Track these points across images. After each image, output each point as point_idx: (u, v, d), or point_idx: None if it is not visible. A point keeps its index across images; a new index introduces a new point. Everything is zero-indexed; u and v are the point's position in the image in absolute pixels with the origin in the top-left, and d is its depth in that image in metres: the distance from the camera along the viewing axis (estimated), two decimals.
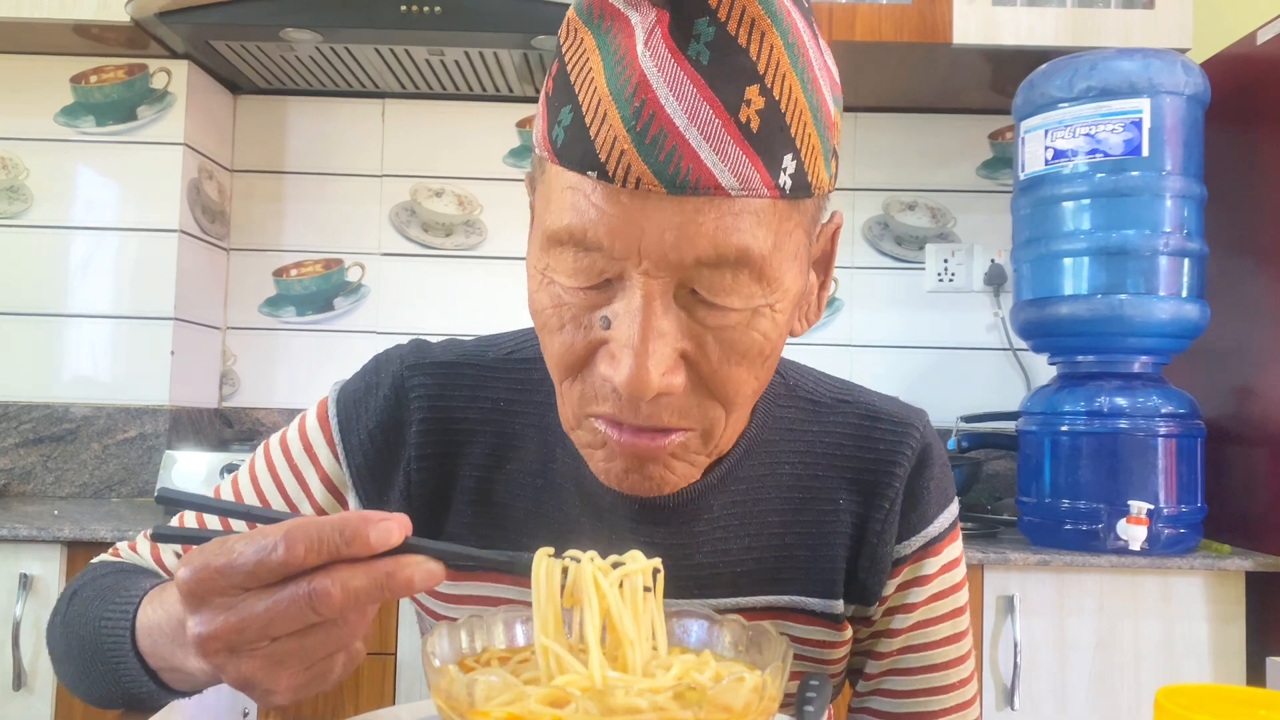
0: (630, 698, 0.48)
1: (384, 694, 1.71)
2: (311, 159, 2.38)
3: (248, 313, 2.36)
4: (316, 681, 0.54)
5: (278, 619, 0.50)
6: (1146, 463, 1.74)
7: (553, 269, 0.60)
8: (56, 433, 2.14)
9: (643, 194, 0.55)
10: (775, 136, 0.56)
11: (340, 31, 1.97)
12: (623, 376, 0.57)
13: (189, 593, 0.51)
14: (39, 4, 1.98)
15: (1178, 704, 0.50)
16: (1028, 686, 1.70)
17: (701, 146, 0.54)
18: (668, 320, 0.57)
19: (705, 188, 0.54)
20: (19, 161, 2.17)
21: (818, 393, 0.80)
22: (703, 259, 0.56)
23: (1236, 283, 1.89)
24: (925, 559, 0.77)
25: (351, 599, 0.50)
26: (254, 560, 0.50)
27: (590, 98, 0.56)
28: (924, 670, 0.79)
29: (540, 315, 0.62)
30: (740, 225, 0.56)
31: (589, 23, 0.58)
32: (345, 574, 0.51)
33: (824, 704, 0.63)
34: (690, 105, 0.54)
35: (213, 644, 0.51)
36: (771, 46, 0.55)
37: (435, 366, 0.78)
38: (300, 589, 0.50)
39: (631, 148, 0.54)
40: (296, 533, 0.50)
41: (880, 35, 1.98)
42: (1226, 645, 1.71)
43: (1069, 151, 1.80)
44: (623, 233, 0.55)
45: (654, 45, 0.55)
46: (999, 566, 1.71)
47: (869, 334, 2.37)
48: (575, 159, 0.56)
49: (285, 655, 0.52)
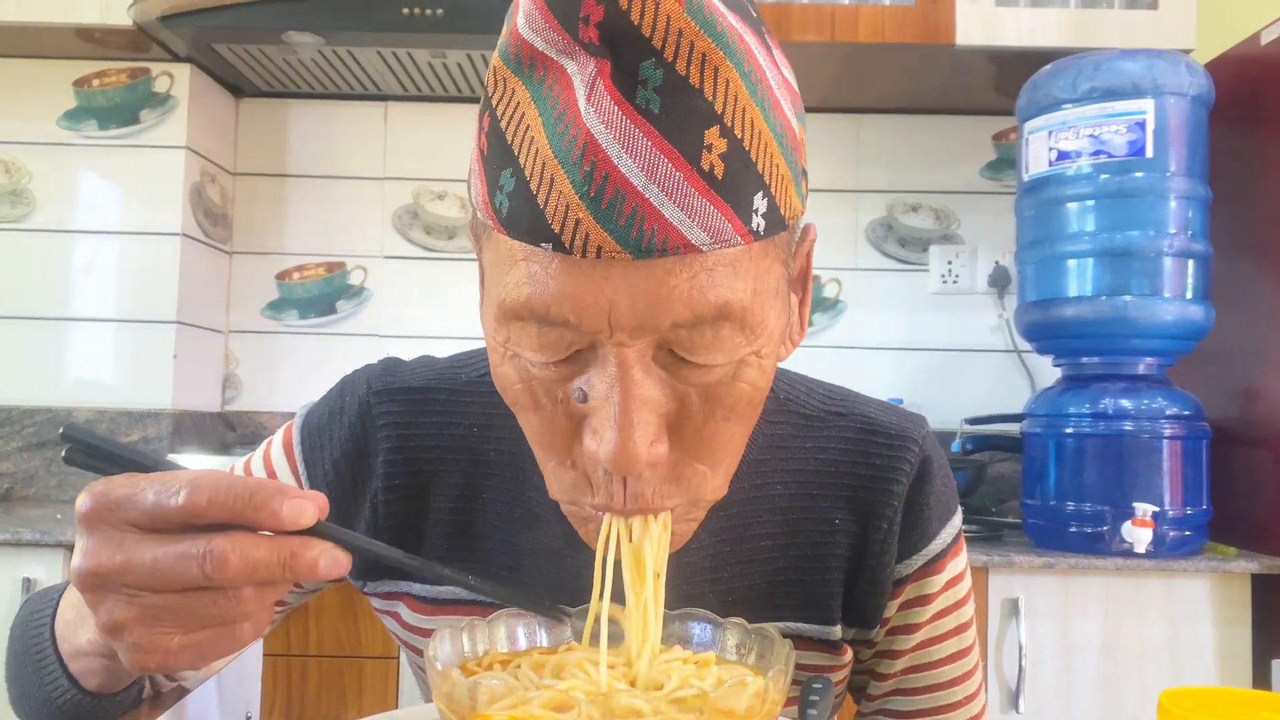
0: (632, 701, 0.48)
1: (387, 698, 1.71)
2: (314, 162, 2.38)
3: (250, 316, 2.36)
4: (189, 652, 0.50)
5: (165, 570, 0.48)
6: (1151, 465, 1.74)
7: (515, 342, 0.54)
8: (59, 436, 2.14)
9: (605, 262, 0.49)
10: (742, 179, 0.50)
11: (342, 34, 1.97)
12: (608, 452, 0.51)
13: (84, 518, 0.49)
14: (42, 8, 1.98)
15: (1181, 707, 0.50)
16: (1033, 689, 1.70)
17: (664, 204, 0.49)
18: (648, 386, 0.52)
19: (674, 248, 0.49)
20: (22, 165, 2.18)
21: (810, 405, 0.75)
22: (679, 322, 0.51)
23: (1241, 284, 1.89)
24: (928, 577, 0.74)
25: (248, 570, 0.48)
26: (153, 500, 0.48)
27: (533, 162, 0.50)
28: (930, 689, 0.76)
29: (509, 392, 0.57)
30: (716, 280, 0.51)
31: (519, 72, 0.52)
32: (247, 542, 0.48)
33: (826, 708, 0.62)
34: (646, 161, 0.48)
35: (91, 579, 0.49)
36: (727, 81, 0.50)
37: (403, 393, 0.74)
38: (195, 545, 0.48)
39: (587, 215, 0.49)
40: (204, 482, 0.48)
41: (883, 37, 1.98)
42: (1232, 648, 1.70)
43: (1073, 153, 1.79)
44: (589, 306, 0.50)
45: (597, 98, 0.49)
46: (1004, 569, 1.70)
47: (873, 336, 2.37)
48: (525, 230, 0.51)
49: (163, 612, 0.49)
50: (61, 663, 0.63)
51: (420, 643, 0.77)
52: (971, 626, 0.77)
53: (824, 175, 2.38)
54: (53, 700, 0.64)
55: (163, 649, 0.49)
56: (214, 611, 0.49)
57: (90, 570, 0.48)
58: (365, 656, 1.71)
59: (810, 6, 1.99)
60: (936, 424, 2.27)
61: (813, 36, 1.98)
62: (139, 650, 0.50)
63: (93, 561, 0.48)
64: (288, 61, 2.12)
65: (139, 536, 0.49)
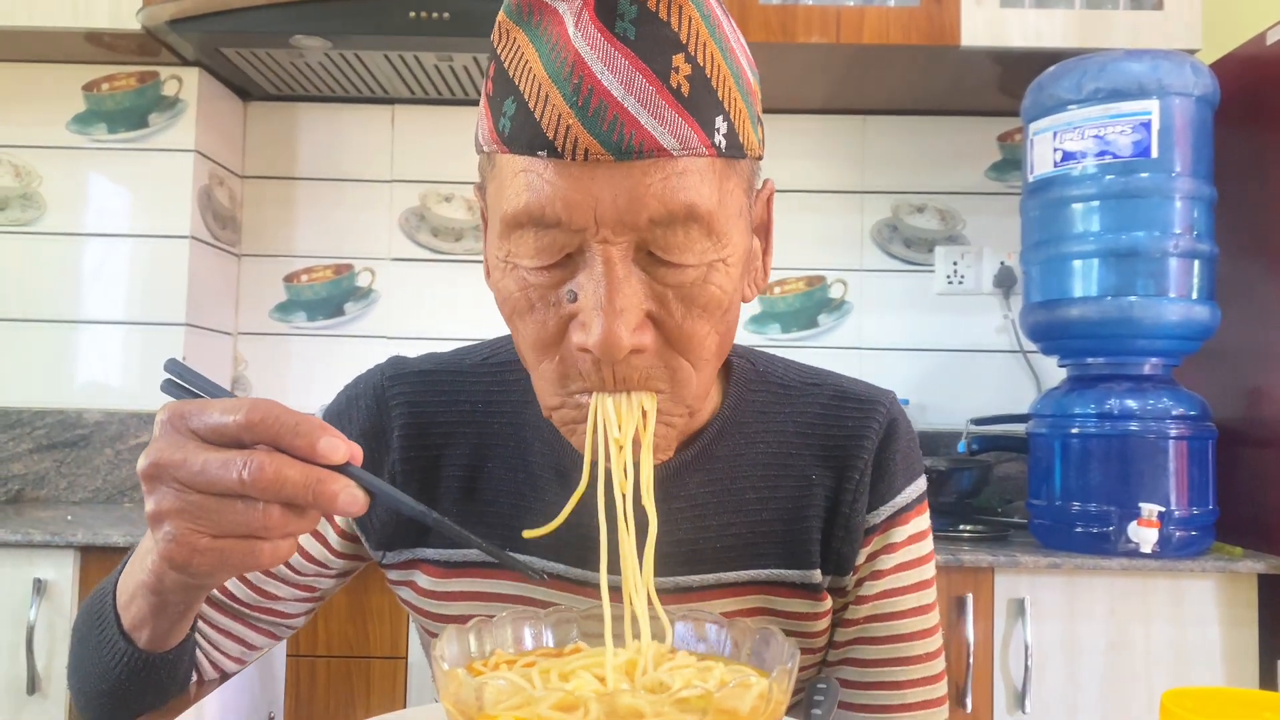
0: (636, 701, 0.48)
1: (395, 698, 1.72)
2: (321, 165, 2.39)
3: (259, 318, 2.37)
4: (212, 555, 0.56)
5: (211, 472, 0.54)
6: (1157, 465, 1.74)
7: (514, 254, 0.62)
8: (69, 438, 2.15)
9: (592, 164, 0.58)
10: (705, 99, 0.60)
11: (350, 38, 1.98)
12: (595, 338, 0.59)
13: (159, 424, 0.57)
14: (51, 12, 2.00)
15: (1183, 707, 0.50)
16: (1039, 690, 1.70)
17: (640, 113, 0.58)
18: (630, 282, 0.60)
19: (649, 150, 0.58)
20: (32, 169, 2.19)
21: (787, 377, 0.83)
22: (655, 218, 0.59)
23: (1247, 284, 1.88)
24: (893, 528, 0.80)
25: (278, 484, 0.54)
26: (217, 414, 0.55)
27: (530, 85, 0.59)
28: (891, 640, 0.81)
29: (508, 302, 0.64)
30: (685, 183, 0.59)
31: (519, 21, 0.62)
32: (283, 461, 0.54)
33: (831, 707, 0.63)
34: (625, 76, 0.58)
35: (152, 469, 0.55)
36: (690, 18, 0.60)
37: (414, 375, 0.82)
38: (240, 456, 0.54)
39: (576, 122, 0.58)
40: (261, 405, 0.55)
41: (888, 38, 1.98)
42: (1238, 648, 1.70)
43: (1078, 153, 1.79)
44: (578, 204, 0.58)
45: (584, 27, 0.59)
46: (1010, 569, 1.70)
47: (878, 337, 2.37)
48: (524, 142, 0.59)
49: (200, 511, 0.55)
50: (118, 619, 0.68)
51: (437, 608, 0.81)
52: (932, 589, 0.83)
53: (829, 176, 2.38)
54: (109, 668, 0.69)
55: (191, 544, 0.55)
56: (242, 519, 0.55)
57: (152, 462, 0.55)
58: (373, 657, 1.72)
59: (815, 8, 1.99)
60: (942, 424, 2.28)
61: (818, 38, 1.99)
62: (172, 541, 0.56)
63: (155, 455, 0.56)
64: (295, 65, 2.13)
65: (199, 443, 0.55)
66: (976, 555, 1.69)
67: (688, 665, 0.58)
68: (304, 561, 0.83)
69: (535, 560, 0.77)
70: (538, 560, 0.78)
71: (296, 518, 0.56)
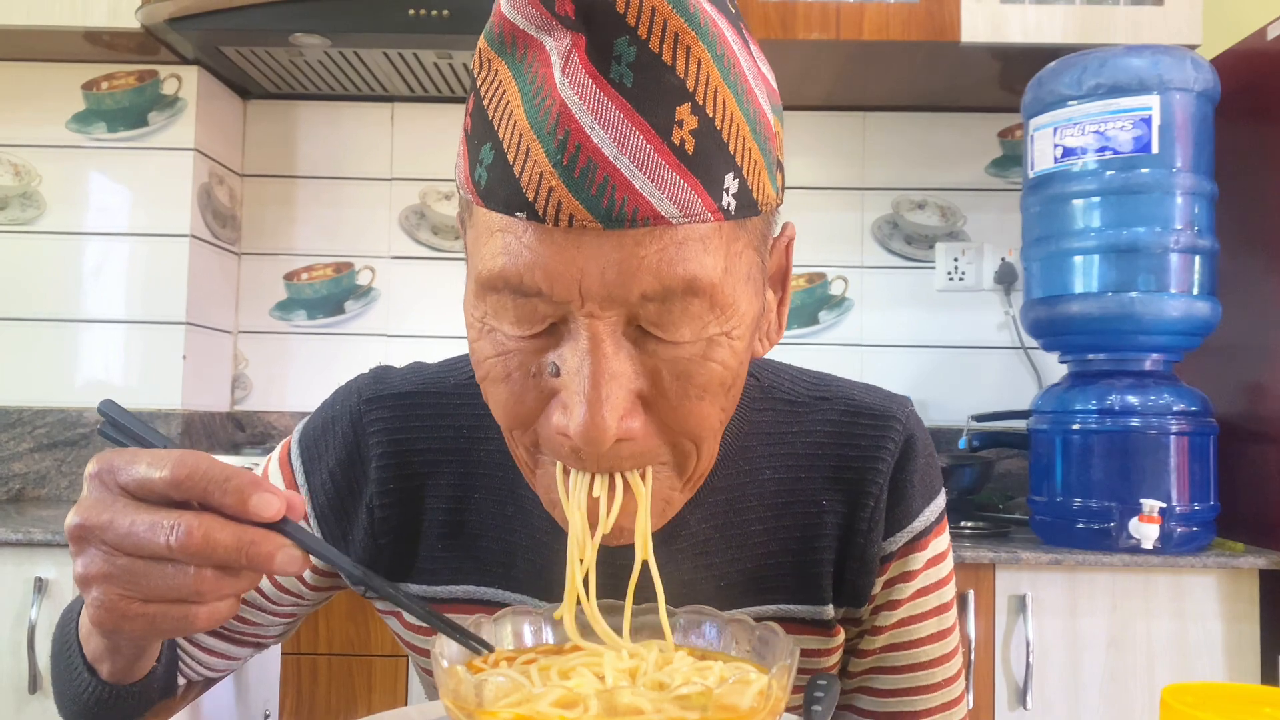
0: (635, 698, 0.48)
1: (396, 696, 1.72)
2: (321, 163, 2.39)
3: (259, 316, 2.37)
4: (141, 621, 0.53)
5: (138, 535, 0.51)
6: (1159, 461, 1.73)
7: (492, 317, 0.56)
8: (70, 437, 2.15)
9: (577, 231, 0.51)
10: (713, 156, 0.52)
11: (349, 36, 1.98)
12: (577, 426, 0.53)
13: (88, 479, 0.53)
14: (50, 11, 1.99)
15: (1183, 702, 0.50)
16: (1040, 686, 1.70)
17: (635, 175, 0.50)
18: (619, 360, 0.53)
19: (644, 218, 0.50)
20: (31, 168, 2.19)
21: (795, 392, 0.76)
22: (648, 293, 0.52)
23: (1248, 279, 1.88)
24: (911, 554, 0.74)
25: (207, 547, 0.51)
26: (143, 470, 0.52)
27: (510, 133, 0.52)
28: (909, 669, 0.76)
29: (483, 366, 0.58)
30: (685, 254, 0.52)
31: (501, 52, 0.54)
32: (214, 523, 0.51)
33: (832, 704, 0.63)
34: (618, 132, 0.50)
35: (77, 530, 0.52)
36: (699, 61, 0.51)
37: (393, 399, 0.76)
38: (168, 517, 0.51)
39: (560, 183, 0.50)
40: (187, 459, 0.52)
41: (888, 34, 1.98)
42: (1240, 644, 1.70)
43: (1078, 149, 1.79)
44: (561, 275, 0.51)
45: (572, 71, 0.51)
46: (1011, 566, 1.70)
47: (879, 334, 2.37)
48: (501, 200, 0.52)
49: (129, 575, 0.52)
50: (80, 649, 0.66)
51: (422, 643, 0.78)
52: (952, 609, 0.78)
53: (830, 173, 2.38)
54: (80, 695, 0.66)
55: (119, 610, 0.52)
56: (172, 584, 0.52)
57: (79, 523, 0.52)
58: (375, 655, 1.72)
59: (815, 5, 1.99)
60: (943, 421, 2.27)
61: (817, 35, 1.98)
62: (100, 606, 0.53)
63: (83, 516, 0.52)
64: (295, 63, 2.13)
65: (126, 502, 0.52)
66: (978, 552, 1.69)
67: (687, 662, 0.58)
68: (280, 594, 0.78)
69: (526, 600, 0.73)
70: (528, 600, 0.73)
71: (232, 579, 0.52)
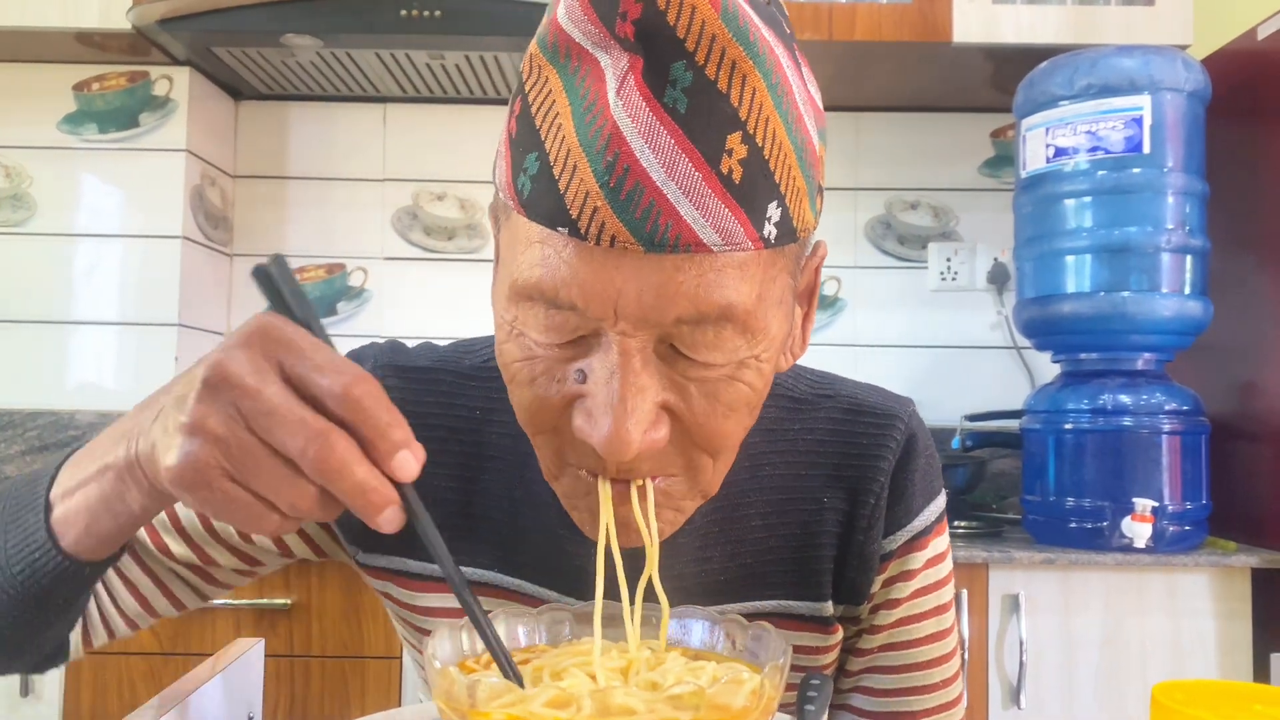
0: (628, 698, 0.48)
1: (390, 698, 1.71)
2: (313, 164, 2.38)
3: None
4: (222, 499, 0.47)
5: (278, 419, 0.46)
6: (1151, 460, 1.74)
7: (522, 322, 0.56)
8: (62, 440, 2.15)
9: (618, 252, 0.51)
10: (759, 185, 0.52)
11: (340, 37, 1.97)
12: (601, 436, 0.53)
13: (247, 335, 0.48)
14: (41, 12, 1.99)
15: (1174, 700, 0.50)
16: (1034, 685, 1.70)
17: (680, 202, 0.51)
18: (647, 375, 0.54)
19: (685, 245, 0.51)
20: (22, 169, 2.18)
21: (798, 389, 0.76)
22: (683, 318, 0.52)
23: (1239, 278, 1.89)
24: (911, 553, 0.75)
25: (338, 475, 0.46)
26: (315, 371, 0.47)
27: (558, 147, 0.52)
28: (906, 669, 0.77)
29: (509, 368, 0.58)
30: (723, 281, 0.52)
31: (554, 61, 0.54)
32: (354, 454, 0.46)
33: (824, 704, 0.63)
34: (667, 158, 0.50)
35: (217, 379, 0.46)
36: (754, 90, 0.51)
37: (410, 371, 0.75)
38: (319, 422, 0.46)
39: (605, 204, 0.50)
40: (366, 385, 0.47)
41: (880, 35, 1.98)
42: (1232, 642, 1.70)
43: (1070, 149, 1.79)
44: (597, 293, 0.52)
45: (626, 93, 0.51)
46: (1004, 565, 1.70)
47: (872, 334, 2.37)
48: (543, 213, 0.53)
49: (241, 452, 0.46)
50: (47, 507, 0.58)
51: (418, 621, 0.77)
52: (951, 610, 0.78)
53: None
54: (7, 567, 0.59)
55: (205, 476, 0.47)
56: (274, 484, 0.47)
57: (221, 375, 0.47)
58: (368, 657, 1.71)
59: (807, 5, 1.99)
60: (936, 421, 2.28)
61: (810, 35, 1.98)
62: (189, 461, 0.47)
63: (232, 368, 0.47)
64: (286, 64, 2.13)
65: (280, 383, 0.47)
66: (971, 551, 1.69)
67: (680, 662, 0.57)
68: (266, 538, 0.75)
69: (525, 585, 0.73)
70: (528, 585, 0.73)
71: (322, 507, 0.48)
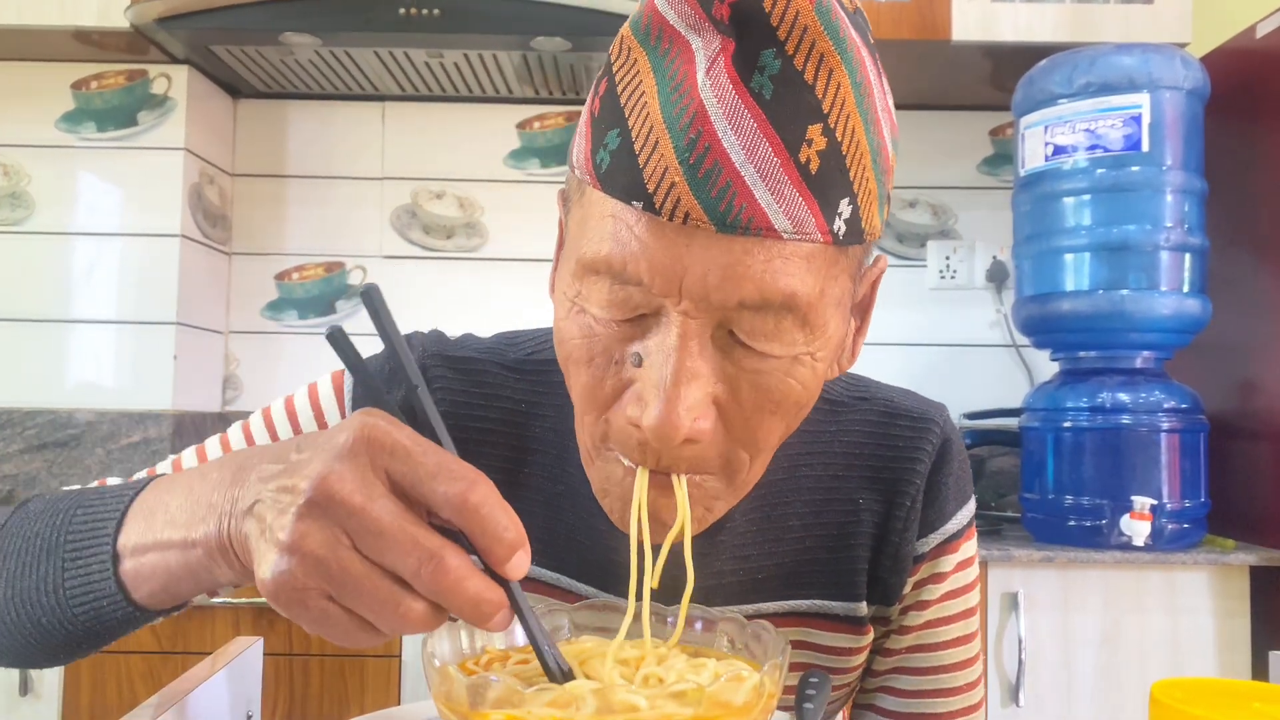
0: (630, 696, 0.48)
1: (389, 697, 1.71)
2: (312, 162, 2.38)
3: (250, 316, 2.37)
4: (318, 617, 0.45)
5: (388, 543, 0.44)
6: (1150, 458, 1.74)
7: (584, 297, 0.57)
8: (60, 438, 2.15)
9: (689, 230, 0.52)
10: (834, 179, 0.53)
11: (339, 35, 1.97)
12: (651, 419, 0.53)
13: (353, 443, 0.45)
14: (39, 11, 1.99)
15: (1173, 698, 0.50)
16: (1032, 683, 1.70)
17: (757, 185, 0.51)
18: (703, 362, 0.54)
19: (757, 228, 0.52)
20: (21, 168, 2.18)
21: (834, 392, 0.77)
22: (746, 302, 0.53)
23: (1238, 277, 1.89)
24: (942, 556, 0.76)
25: (451, 592, 0.44)
26: (429, 477, 0.45)
27: (642, 124, 0.53)
28: (933, 671, 0.78)
29: (566, 345, 0.59)
30: (789, 269, 0.53)
31: (645, 43, 0.55)
32: (468, 568, 0.45)
33: (823, 701, 0.63)
34: (748, 141, 0.51)
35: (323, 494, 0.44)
36: (839, 85, 0.52)
37: (458, 362, 0.76)
38: (431, 540, 0.44)
39: (682, 180, 0.51)
40: (481, 489, 0.45)
41: (879, 32, 1.98)
42: (1231, 640, 1.70)
43: (1069, 147, 1.80)
44: (665, 269, 0.53)
45: (715, 75, 0.52)
46: (1003, 563, 1.70)
47: (872, 332, 2.33)
48: (620, 187, 0.53)
49: (345, 575, 0.44)
50: (115, 560, 0.55)
51: None
52: (976, 615, 0.79)
53: None
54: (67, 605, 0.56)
55: (299, 596, 0.44)
56: (379, 603, 0.44)
57: (325, 493, 0.44)
58: (367, 655, 1.71)
59: None
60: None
61: None
62: (286, 580, 0.44)
63: (338, 485, 0.44)
64: (285, 63, 2.13)
65: (391, 498, 0.45)
66: None
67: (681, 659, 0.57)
68: None
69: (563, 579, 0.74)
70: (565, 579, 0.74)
71: (428, 622, 0.45)
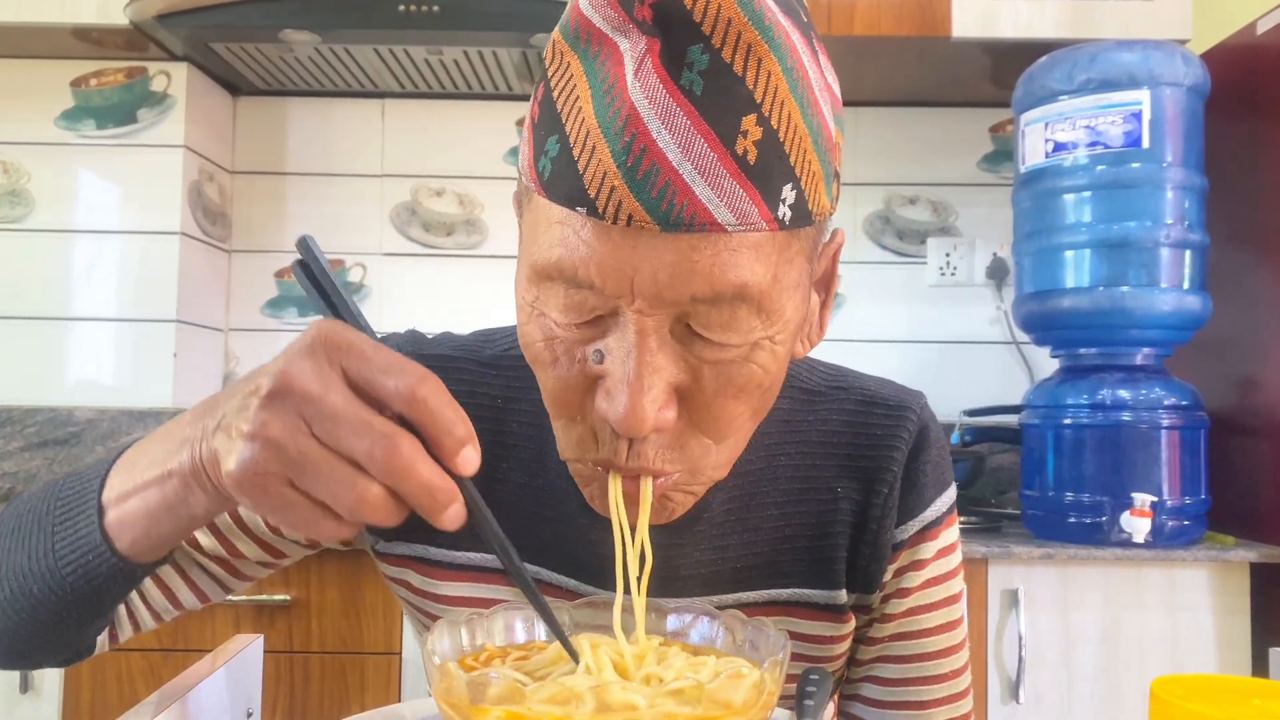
0: (629, 694, 0.48)
1: (389, 693, 1.71)
2: (312, 160, 2.38)
3: (250, 314, 2.37)
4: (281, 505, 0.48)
5: (343, 423, 0.46)
6: (1150, 455, 1.74)
7: (542, 302, 0.58)
8: (60, 436, 2.15)
9: (634, 231, 0.53)
10: (774, 167, 0.53)
11: (339, 32, 1.97)
12: (617, 414, 0.55)
13: (308, 344, 0.48)
14: (38, 8, 1.98)
15: (1173, 694, 0.50)
16: (1033, 680, 1.70)
17: (696, 182, 0.52)
18: (663, 355, 0.55)
19: (700, 224, 0.52)
20: (20, 166, 2.18)
21: (812, 381, 0.78)
22: (699, 296, 0.54)
23: (1238, 273, 1.89)
24: (922, 543, 0.76)
25: (403, 475, 0.46)
26: (377, 373, 0.47)
27: (578, 129, 0.54)
28: (916, 658, 0.77)
29: (531, 349, 0.60)
30: (738, 261, 0.53)
31: (575, 47, 0.56)
32: (420, 453, 0.47)
33: (824, 698, 0.63)
34: (683, 139, 0.52)
35: (281, 384, 0.47)
36: (769, 74, 0.53)
37: (432, 359, 0.77)
38: (384, 425, 0.47)
39: (622, 184, 0.52)
40: (430, 384, 0.48)
41: (879, 29, 1.98)
42: (1231, 637, 1.71)
43: (1069, 144, 1.79)
44: (615, 271, 0.53)
45: (644, 75, 0.53)
46: (1003, 560, 1.70)
47: (871, 329, 2.37)
48: (563, 193, 0.54)
49: (304, 459, 0.47)
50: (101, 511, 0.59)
51: (431, 607, 0.78)
52: (960, 602, 0.79)
53: None
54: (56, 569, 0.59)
55: (263, 483, 0.47)
56: (338, 488, 0.47)
57: (286, 383, 0.47)
58: (367, 653, 1.72)
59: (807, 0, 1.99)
60: (936, 416, 2.28)
61: None
62: (249, 467, 0.47)
63: (295, 376, 0.47)
64: (285, 60, 2.12)
65: (342, 386, 0.47)
66: (970, 546, 1.69)
67: (681, 657, 0.58)
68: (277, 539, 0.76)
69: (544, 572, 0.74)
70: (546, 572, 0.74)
71: (384, 509, 0.48)
